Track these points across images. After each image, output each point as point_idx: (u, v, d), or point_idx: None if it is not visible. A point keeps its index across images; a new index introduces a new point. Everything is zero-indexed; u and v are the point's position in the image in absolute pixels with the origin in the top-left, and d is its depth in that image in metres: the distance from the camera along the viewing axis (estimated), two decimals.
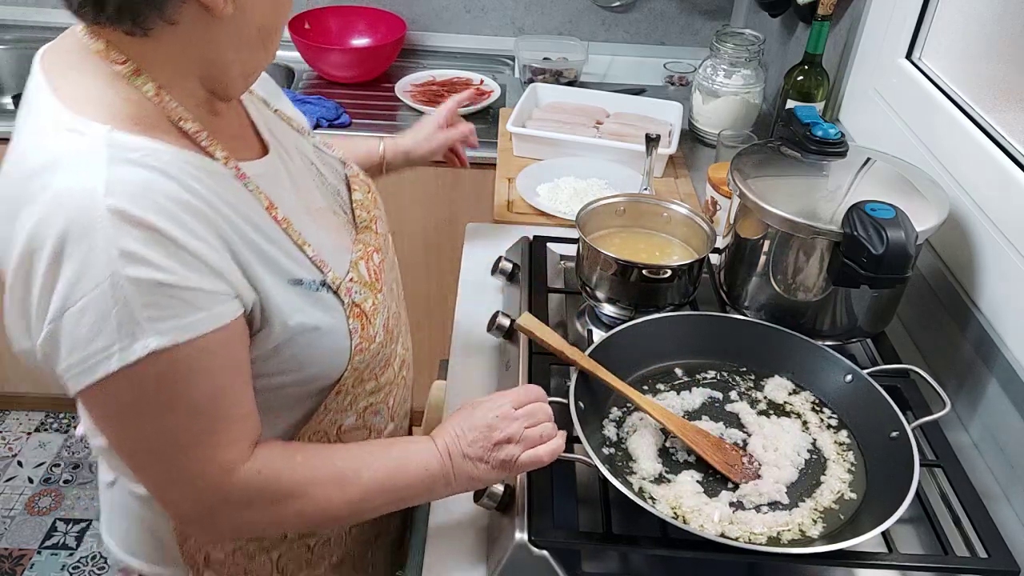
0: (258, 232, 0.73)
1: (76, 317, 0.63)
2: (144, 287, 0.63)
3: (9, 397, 2.32)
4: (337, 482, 0.77)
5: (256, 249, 0.72)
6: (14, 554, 1.97)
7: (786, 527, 0.82)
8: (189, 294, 0.65)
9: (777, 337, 1.02)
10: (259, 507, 0.74)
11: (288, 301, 0.74)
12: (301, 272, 0.77)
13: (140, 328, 0.63)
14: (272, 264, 0.74)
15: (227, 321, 0.68)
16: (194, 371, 0.67)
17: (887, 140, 1.35)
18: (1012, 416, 0.97)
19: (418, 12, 2.20)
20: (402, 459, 0.80)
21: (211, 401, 0.69)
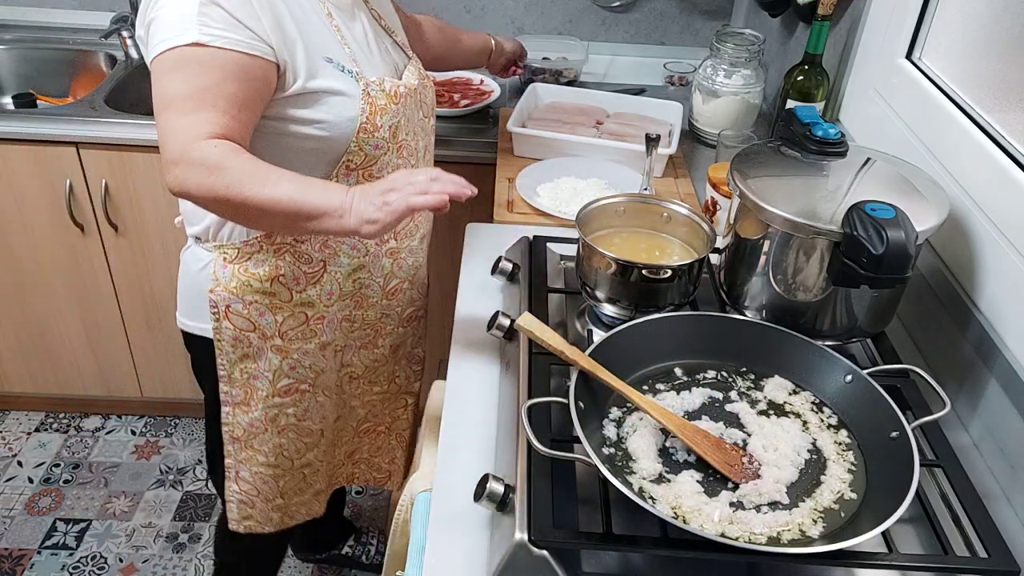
0: (311, 23, 1.12)
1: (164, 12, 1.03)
2: (207, 3, 1.01)
3: (9, 397, 2.32)
4: (260, 180, 0.99)
5: (302, 29, 1.09)
6: (14, 554, 1.97)
7: (786, 527, 0.82)
8: (236, 24, 1.02)
9: (777, 337, 1.02)
10: (203, 171, 0.99)
11: (318, 68, 1.11)
12: (334, 55, 1.13)
13: (193, 26, 1.00)
14: (312, 42, 1.10)
15: (248, 51, 1.03)
16: (211, 67, 1.01)
17: (887, 140, 1.35)
18: (1012, 416, 0.97)
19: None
20: (314, 184, 1.03)
21: (211, 91, 1.01)
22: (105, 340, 2.14)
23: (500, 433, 1.01)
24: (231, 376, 1.32)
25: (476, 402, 1.07)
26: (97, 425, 2.33)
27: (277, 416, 1.36)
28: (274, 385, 1.33)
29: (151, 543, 2.02)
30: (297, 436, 1.41)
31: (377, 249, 1.29)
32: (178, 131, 1.01)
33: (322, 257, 1.24)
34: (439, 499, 0.94)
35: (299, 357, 1.31)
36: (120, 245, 1.96)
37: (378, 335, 1.41)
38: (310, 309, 1.28)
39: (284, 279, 1.24)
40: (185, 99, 1.01)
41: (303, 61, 1.09)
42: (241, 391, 1.33)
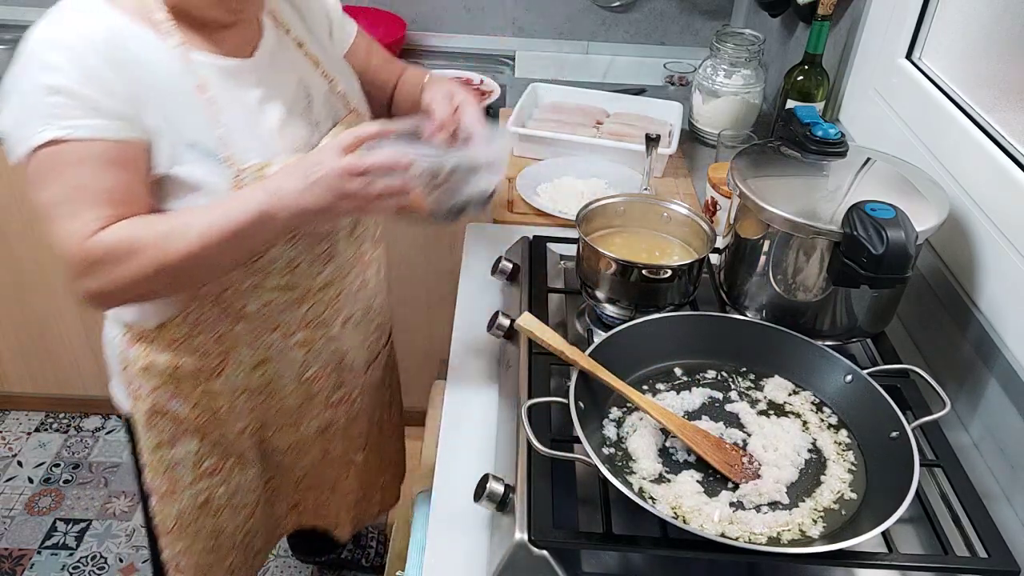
0: (173, 98, 0.95)
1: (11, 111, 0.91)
2: (54, 92, 0.88)
3: (9, 397, 2.32)
4: (171, 235, 0.92)
5: (163, 107, 0.94)
6: (14, 554, 1.97)
7: (786, 527, 0.82)
8: (87, 107, 0.89)
9: (777, 337, 1.02)
10: (110, 266, 0.91)
11: (179, 154, 0.95)
12: (199, 137, 0.96)
13: (44, 121, 0.88)
14: (174, 122, 0.94)
15: (112, 136, 0.91)
16: (78, 162, 0.90)
17: (887, 140, 1.35)
18: (1012, 416, 0.97)
19: (418, 12, 2.20)
20: (229, 209, 0.92)
21: (88, 189, 0.91)
22: None
23: (500, 433, 1.01)
24: (151, 464, 1.20)
25: (476, 402, 1.07)
26: (97, 425, 2.33)
27: (208, 500, 1.25)
28: (197, 469, 1.22)
29: None
30: (232, 513, 1.30)
31: (283, 343, 1.15)
32: (68, 240, 0.91)
33: (220, 350, 1.12)
34: (439, 499, 0.94)
35: (217, 438, 1.21)
36: None
37: (301, 418, 1.28)
38: (216, 400, 1.16)
39: (184, 370, 1.12)
40: (62, 204, 0.91)
41: (165, 145, 0.94)
42: (164, 481, 1.21)
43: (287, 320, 1.13)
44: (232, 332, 1.11)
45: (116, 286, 0.94)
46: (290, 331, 1.15)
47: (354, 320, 1.24)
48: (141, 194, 0.94)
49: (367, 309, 1.27)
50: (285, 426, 1.28)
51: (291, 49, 1.10)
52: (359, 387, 1.34)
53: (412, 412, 1.68)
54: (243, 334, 1.12)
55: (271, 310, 1.11)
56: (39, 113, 0.89)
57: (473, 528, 0.90)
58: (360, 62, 1.25)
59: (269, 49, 1.06)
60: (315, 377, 1.23)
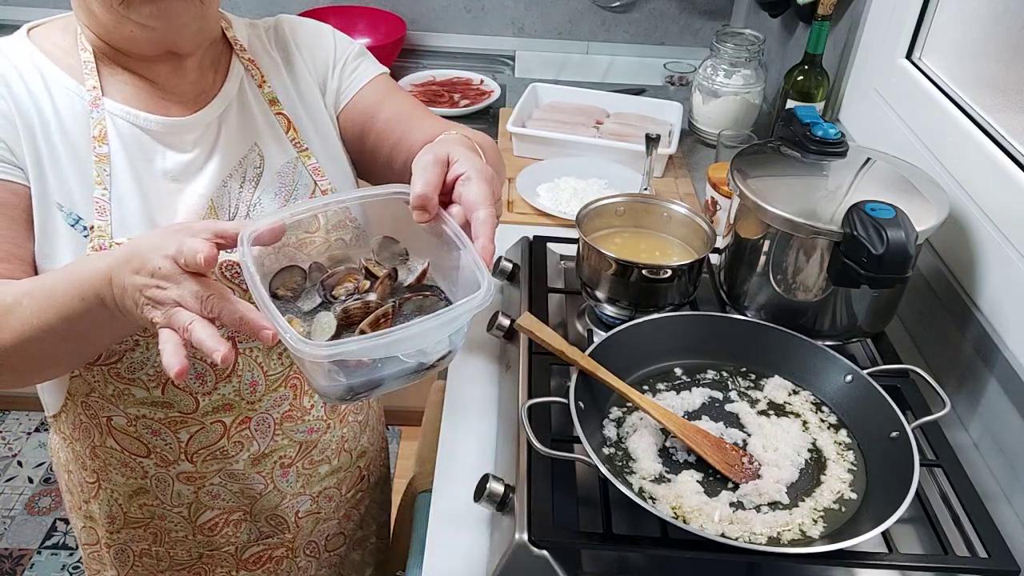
0: (68, 146, 0.82)
1: None
2: None
3: (9, 397, 2.32)
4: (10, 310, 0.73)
5: (54, 155, 0.81)
6: (14, 554, 1.97)
7: (786, 527, 0.82)
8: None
9: (777, 337, 1.02)
10: None
11: (46, 215, 0.81)
12: (71, 201, 0.81)
13: None
14: (58, 177, 0.81)
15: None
16: None
17: (887, 140, 1.35)
18: (1012, 416, 0.97)
19: (418, 12, 2.20)
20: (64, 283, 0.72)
21: None
22: None
23: (500, 433, 1.01)
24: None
25: (476, 402, 1.07)
26: None
27: None
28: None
29: None
30: None
31: (161, 472, 0.96)
32: None
33: (94, 467, 0.96)
34: (439, 499, 0.94)
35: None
36: None
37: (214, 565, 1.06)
38: (98, 527, 1.00)
39: (72, 475, 1.00)
40: None
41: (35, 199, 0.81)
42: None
43: (162, 445, 0.93)
44: (104, 446, 0.94)
45: None
46: (169, 459, 0.94)
47: (278, 459, 1.00)
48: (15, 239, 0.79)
49: (307, 445, 1.02)
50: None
51: (256, 106, 0.93)
52: (291, 543, 1.08)
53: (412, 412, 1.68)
54: (114, 452, 0.94)
55: (141, 428, 0.91)
56: None
57: (473, 528, 0.90)
58: (363, 115, 1.00)
59: (223, 106, 0.91)
60: (215, 524, 1.01)
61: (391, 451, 2.31)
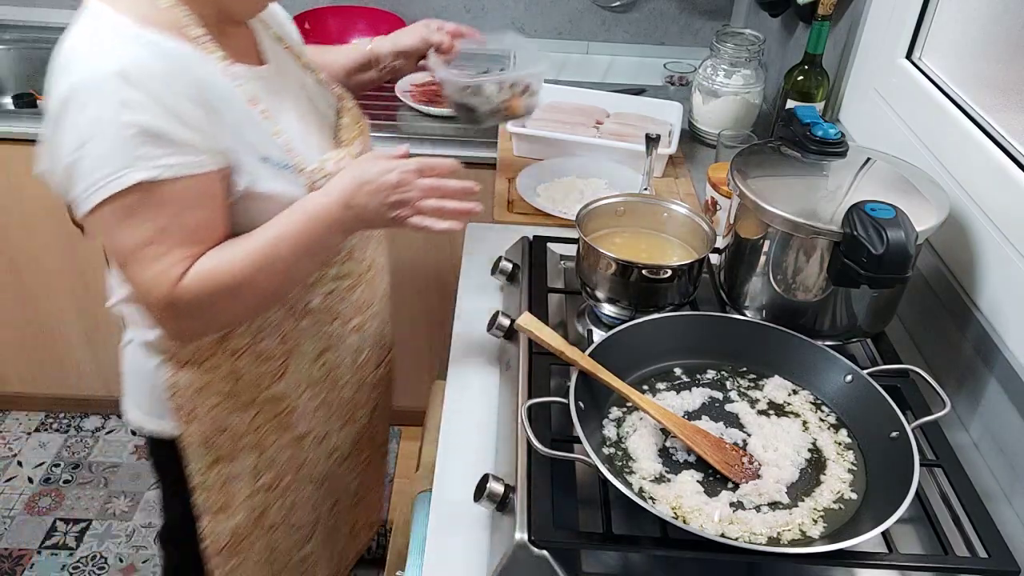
0: (236, 116, 0.94)
1: (88, 152, 0.85)
2: (138, 131, 0.85)
3: (9, 397, 2.32)
4: (263, 267, 0.94)
5: (233, 128, 0.94)
6: (14, 554, 1.97)
7: (786, 527, 0.82)
8: (176, 145, 0.87)
9: (777, 337, 1.02)
10: (207, 308, 0.94)
11: (255, 171, 0.96)
12: (270, 152, 0.97)
13: (131, 163, 0.85)
14: (245, 141, 0.95)
15: (197, 171, 0.89)
16: (166, 203, 0.88)
17: (887, 140, 1.35)
18: (1012, 416, 0.97)
19: (418, 12, 2.20)
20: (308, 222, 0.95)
21: (173, 228, 0.90)
22: (105, 340, 2.14)
23: (500, 433, 1.01)
24: (205, 483, 1.17)
25: (476, 402, 1.07)
26: (97, 425, 2.33)
27: (263, 515, 1.25)
28: (254, 483, 1.21)
29: (151, 543, 2.02)
30: (287, 533, 1.30)
31: (342, 330, 1.18)
32: (155, 284, 0.91)
33: (284, 350, 1.13)
34: (439, 499, 0.94)
35: (276, 451, 1.20)
36: None
37: (356, 408, 1.31)
38: (279, 404, 1.16)
39: (245, 379, 1.11)
40: (146, 246, 0.89)
41: (241, 164, 0.95)
42: (219, 496, 1.19)
43: (345, 308, 1.17)
44: (296, 329, 1.12)
45: (215, 324, 0.99)
46: (348, 318, 1.19)
47: (387, 293, 1.31)
48: (220, 225, 0.95)
49: (387, 288, 1.32)
50: (345, 424, 1.30)
51: (279, 46, 1.11)
52: (389, 360, 1.40)
53: (412, 412, 1.69)
54: (307, 328, 1.13)
55: (332, 300, 1.14)
56: (122, 155, 0.85)
57: (473, 528, 0.90)
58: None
59: (269, 51, 1.07)
60: (366, 361, 1.28)
61: (391, 451, 2.31)
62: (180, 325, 0.96)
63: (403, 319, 2.08)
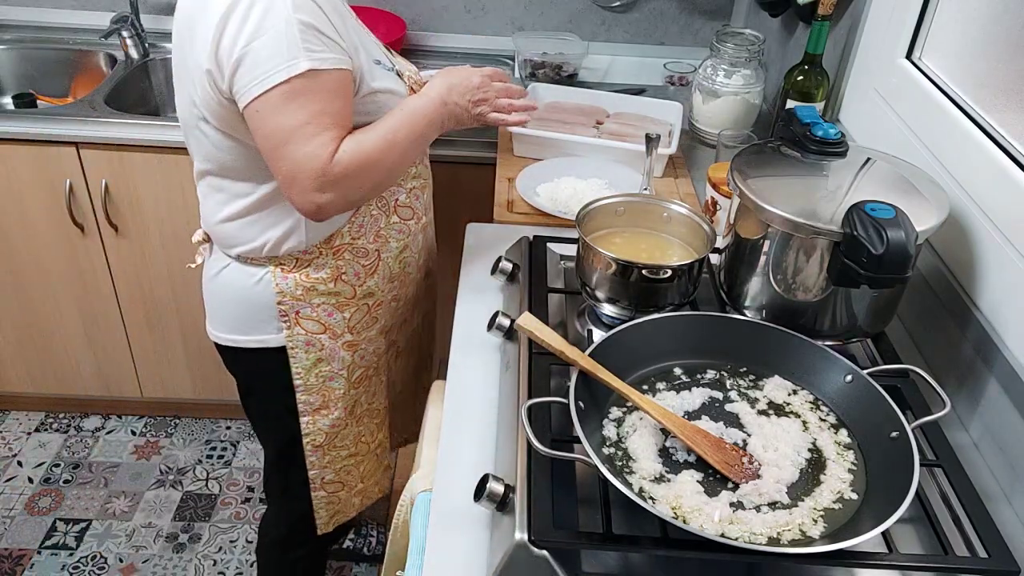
0: (354, 25, 1.16)
1: (261, 44, 1.01)
2: (306, 28, 1.02)
3: (9, 397, 2.32)
4: (390, 149, 1.14)
5: (353, 36, 1.13)
6: (14, 554, 1.97)
7: (786, 527, 0.82)
8: (330, 42, 1.05)
9: (777, 337, 1.02)
10: (351, 180, 1.10)
11: (374, 71, 1.17)
12: (379, 56, 1.20)
13: (301, 54, 1.02)
14: (364, 47, 1.16)
15: (345, 67, 1.07)
16: (322, 90, 1.05)
17: (887, 140, 1.35)
18: (1012, 416, 0.97)
19: (418, 12, 2.20)
20: (415, 116, 1.18)
21: (327, 113, 1.06)
22: (105, 340, 2.14)
23: (500, 433, 1.01)
24: (307, 383, 1.33)
25: (476, 402, 1.07)
26: (97, 425, 2.33)
27: (355, 407, 1.41)
28: (349, 380, 1.37)
29: (151, 543, 2.02)
30: (370, 419, 1.46)
31: (416, 226, 1.34)
32: (312, 157, 1.06)
33: (376, 247, 1.29)
34: (439, 499, 0.94)
35: (366, 346, 1.36)
36: (120, 245, 1.96)
37: (414, 308, 1.48)
38: (371, 299, 1.32)
39: (346, 277, 1.27)
40: (305, 126, 1.05)
41: (364, 66, 1.14)
42: (319, 396, 1.35)
43: (419, 206, 1.34)
44: (387, 226, 1.29)
45: (353, 197, 1.14)
46: (421, 216, 1.35)
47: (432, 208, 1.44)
48: (351, 116, 1.12)
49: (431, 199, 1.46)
50: (404, 320, 1.46)
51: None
52: (434, 272, 1.54)
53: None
54: (395, 224, 1.30)
55: (412, 198, 1.31)
56: (295, 46, 1.01)
57: (473, 528, 0.90)
58: None
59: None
60: (425, 262, 1.44)
61: None
62: (325, 197, 1.09)
63: None
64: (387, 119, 1.16)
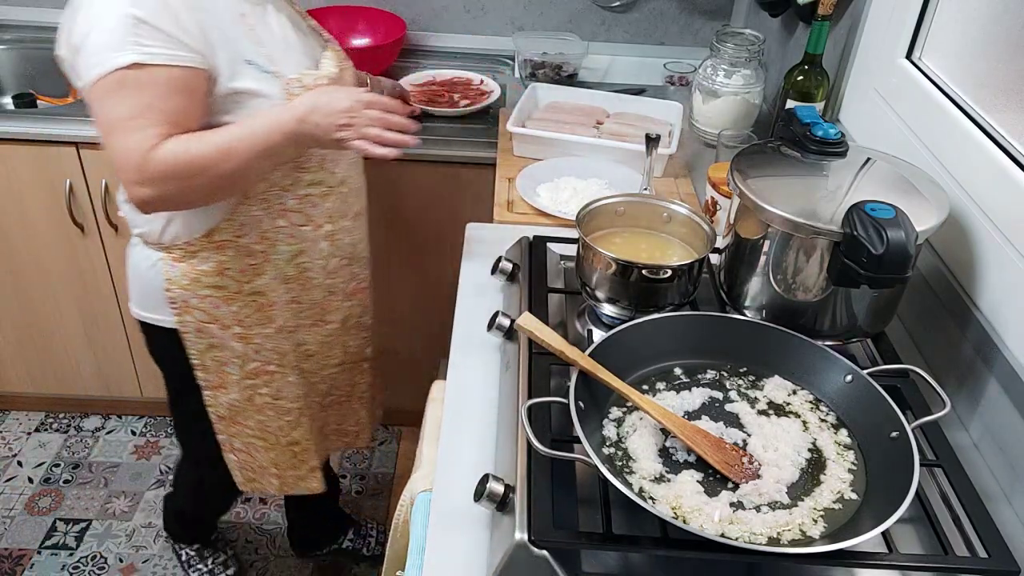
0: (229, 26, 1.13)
1: (96, 35, 1.05)
2: (139, 23, 1.03)
3: (9, 397, 2.32)
4: (222, 157, 1.10)
5: (223, 34, 1.12)
6: (14, 554, 1.97)
7: (786, 527, 0.82)
8: (167, 37, 1.05)
9: (777, 337, 1.02)
10: (173, 180, 1.09)
11: (238, 71, 1.14)
12: (252, 56, 1.15)
13: (128, 47, 1.04)
14: (232, 47, 1.13)
15: (184, 63, 1.07)
16: (152, 84, 1.06)
17: (887, 140, 1.35)
18: (1012, 416, 0.97)
19: (418, 12, 2.20)
20: (264, 128, 1.12)
21: (155, 108, 1.06)
22: (105, 340, 2.14)
23: (500, 433, 1.01)
24: (204, 364, 1.39)
25: (476, 402, 1.07)
26: (97, 425, 2.33)
27: (253, 396, 1.44)
28: (243, 369, 1.40)
29: (151, 543, 2.02)
30: (276, 415, 1.48)
31: (314, 234, 1.33)
32: (131, 151, 1.06)
33: (262, 248, 1.29)
34: (439, 499, 0.94)
35: (261, 341, 1.38)
36: (120, 245, 1.96)
37: (326, 312, 1.45)
38: (261, 297, 1.34)
39: (231, 273, 1.29)
40: (130, 119, 1.06)
41: (226, 65, 1.12)
42: (216, 376, 1.40)
43: (317, 214, 1.31)
44: (274, 228, 1.28)
45: (178, 197, 1.13)
46: (319, 223, 1.33)
47: (360, 214, 1.43)
48: (196, 116, 1.11)
49: (361, 209, 1.45)
50: (313, 323, 1.44)
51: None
52: (367, 279, 1.52)
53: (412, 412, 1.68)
54: (284, 228, 1.29)
55: (305, 205, 1.29)
56: (123, 39, 1.03)
57: (473, 528, 0.90)
58: None
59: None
60: (336, 268, 1.41)
61: (391, 451, 2.31)
62: (145, 192, 1.09)
63: (403, 318, 2.09)
64: (233, 126, 1.13)
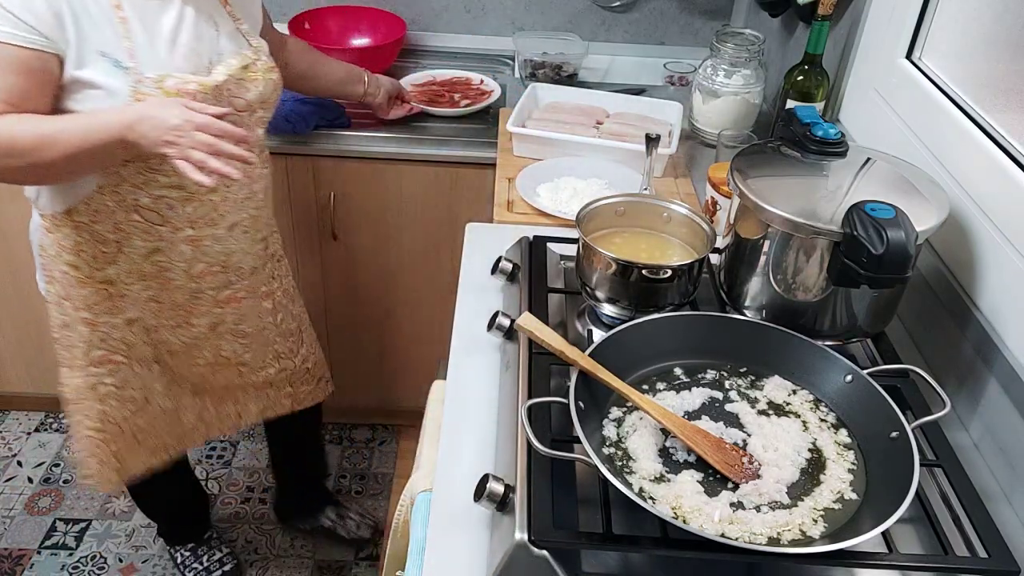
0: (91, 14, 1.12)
1: None
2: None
3: (9, 397, 2.32)
4: (44, 142, 1.09)
5: (79, 19, 1.11)
6: (14, 554, 1.97)
7: (786, 527, 0.82)
8: (8, 15, 1.05)
9: (777, 337, 1.02)
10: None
11: (87, 60, 1.13)
12: (109, 48, 1.14)
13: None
14: (86, 33, 1.12)
15: (19, 43, 1.07)
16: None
17: (887, 140, 1.35)
18: (1012, 416, 0.97)
19: (418, 12, 2.20)
20: (94, 127, 1.11)
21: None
22: None
23: (500, 433, 1.01)
24: (58, 339, 1.41)
25: (476, 402, 1.07)
26: None
27: (96, 385, 1.43)
28: (88, 355, 1.40)
29: (151, 543, 2.02)
30: (119, 404, 1.47)
31: (172, 236, 1.32)
32: None
33: (116, 238, 1.30)
34: (439, 499, 0.94)
35: (108, 330, 1.39)
36: None
37: (191, 315, 1.45)
38: (111, 287, 1.35)
39: (84, 255, 1.31)
40: None
41: (74, 51, 1.12)
42: (67, 353, 1.42)
43: (175, 216, 1.30)
44: (128, 221, 1.28)
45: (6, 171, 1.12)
46: (178, 226, 1.31)
47: (241, 226, 1.40)
48: (35, 99, 1.11)
49: (254, 219, 1.43)
50: (177, 325, 1.44)
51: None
52: (244, 289, 1.49)
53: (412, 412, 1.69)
54: (138, 223, 1.28)
55: (161, 205, 1.28)
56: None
57: (473, 528, 0.90)
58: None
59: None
60: (202, 274, 1.40)
61: (391, 451, 2.31)
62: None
63: (403, 318, 2.09)
64: (67, 117, 1.13)
